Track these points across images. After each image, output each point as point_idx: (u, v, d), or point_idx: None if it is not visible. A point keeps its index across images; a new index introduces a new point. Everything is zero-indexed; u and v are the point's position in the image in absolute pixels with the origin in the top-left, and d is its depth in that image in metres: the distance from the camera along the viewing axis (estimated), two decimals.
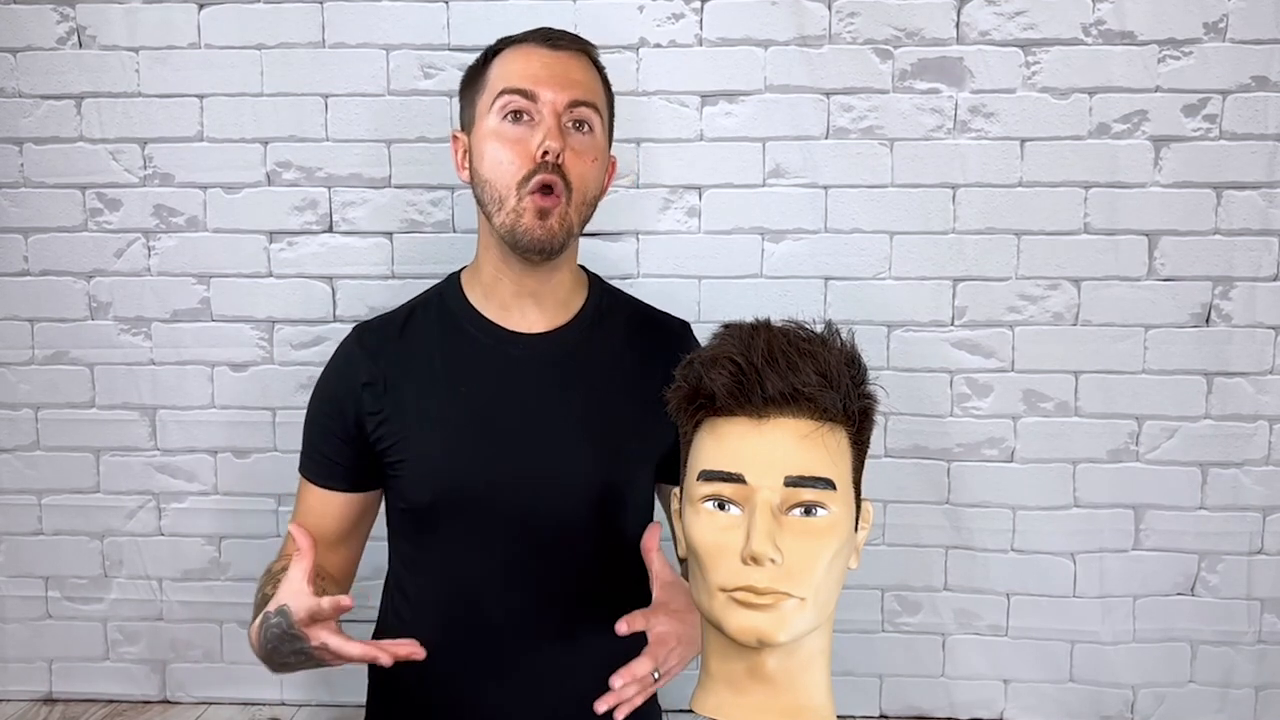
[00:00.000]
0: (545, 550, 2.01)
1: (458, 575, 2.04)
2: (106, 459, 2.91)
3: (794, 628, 1.34)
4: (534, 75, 1.96)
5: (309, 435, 2.14)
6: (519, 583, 2.02)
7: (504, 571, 2.02)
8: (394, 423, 2.02)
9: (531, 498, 1.99)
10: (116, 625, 2.98)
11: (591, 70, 2.05)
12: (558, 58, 1.99)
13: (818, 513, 1.36)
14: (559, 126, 1.94)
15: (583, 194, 1.98)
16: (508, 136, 1.95)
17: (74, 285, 2.85)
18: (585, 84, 2.00)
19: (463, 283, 2.13)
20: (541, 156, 1.91)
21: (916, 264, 2.76)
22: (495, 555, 2.01)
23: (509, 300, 2.06)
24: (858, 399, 1.44)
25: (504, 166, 1.94)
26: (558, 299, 2.09)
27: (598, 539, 2.07)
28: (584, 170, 1.97)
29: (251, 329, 2.84)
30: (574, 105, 1.96)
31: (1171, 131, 2.69)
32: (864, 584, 2.87)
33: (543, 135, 1.92)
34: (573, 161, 1.94)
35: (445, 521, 2.02)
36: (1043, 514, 2.83)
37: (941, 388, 2.81)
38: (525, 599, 2.02)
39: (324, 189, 2.79)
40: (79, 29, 2.75)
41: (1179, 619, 2.87)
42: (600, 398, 2.05)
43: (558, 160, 1.92)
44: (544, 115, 1.94)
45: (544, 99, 1.94)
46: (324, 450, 2.09)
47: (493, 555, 2.01)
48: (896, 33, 2.68)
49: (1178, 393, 2.78)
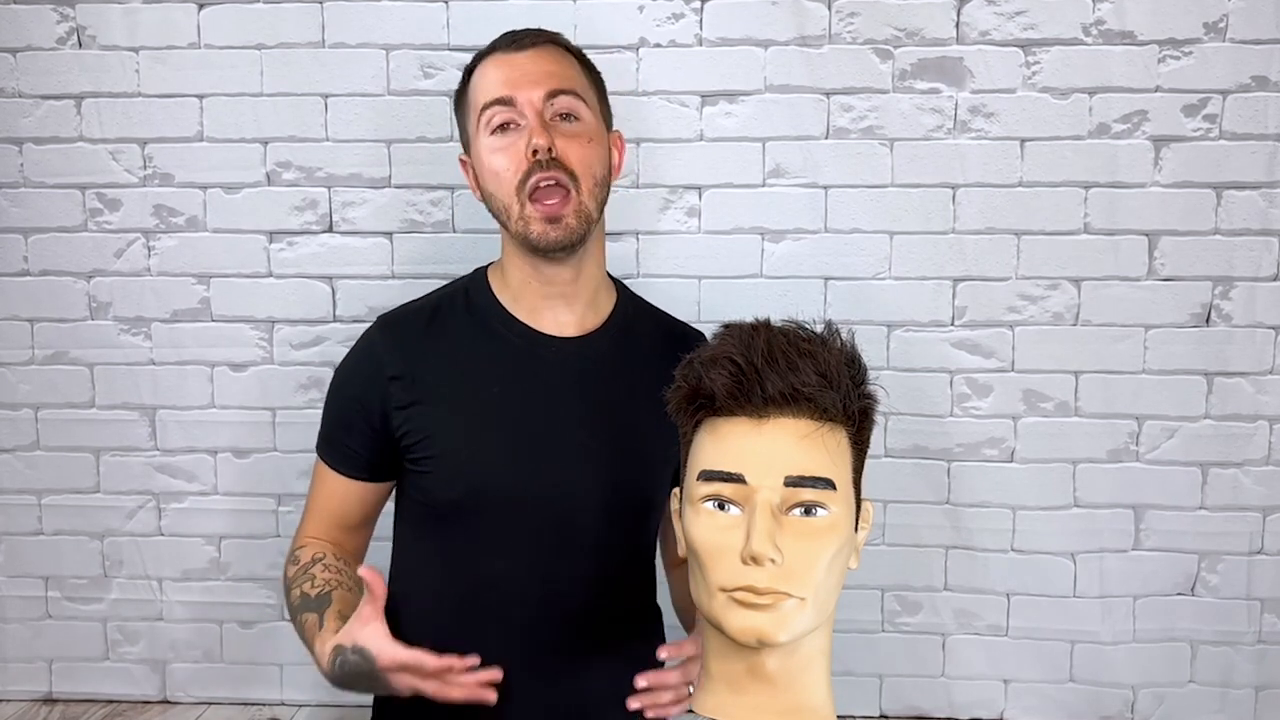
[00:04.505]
0: (567, 553, 2.03)
1: (476, 574, 2.04)
2: (106, 459, 2.92)
3: (794, 628, 1.34)
4: (505, 80, 1.97)
5: (330, 424, 2.14)
6: (538, 584, 2.02)
7: (524, 572, 2.02)
8: (422, 418, 2.02)
9: (557, 501, 2.01)
10: (116, 625, 2.99)
11: (564, 58, 2.05)
12: (527, 56, 2.00)
13: (818, 513, 1.37)
14: (542, 123, 1.94)
15: (591, 177, 1.98)
16: (498, 148, 1.96)
17: (74, 285, 2.86)
18: (559, 73, 2.00)
19: (490, 281, 2.13)
20: (532, 156, 1.92)
21: (916, 264, 2.77)
22: (516, 556, 2.02)
23: (539, 303, 2.06)
24: (858, 399, 1.44)
25: (501, 176, 1.96)
26: (587, 299, 2.09)
27: (619, 544, 2.09)
28: (583, 154, 1.97)
29: (251, 329, 2.85)
30: (552, 96, 1.97)
31: (1171, 131, 2.70)
32: (864, 584, 2.87)
33: (529, 135, 1.93)
34: (568, 148, 1.95)
35: (468, 520, 2.02)
36: (1043, 514, 2.84)
37: (941, 388, 2.82)
38: (543, 600, 2.03)
39: (324, 189, 2.80)
40: (79, 29, 2.76)
41: (1179, 619, 2.88)
42: (628, 405, 2.05)
43: (550, 155, 1.92)
44: (527, 116, 1.95)
45: (521, 100, 1.95)
46: (347, 441, 2.09)
47: (513, 556, 2.02)
48: (896, 33, 2.69)
49: (1178, 393, 2.79)
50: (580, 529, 2.03)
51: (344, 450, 2.10)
